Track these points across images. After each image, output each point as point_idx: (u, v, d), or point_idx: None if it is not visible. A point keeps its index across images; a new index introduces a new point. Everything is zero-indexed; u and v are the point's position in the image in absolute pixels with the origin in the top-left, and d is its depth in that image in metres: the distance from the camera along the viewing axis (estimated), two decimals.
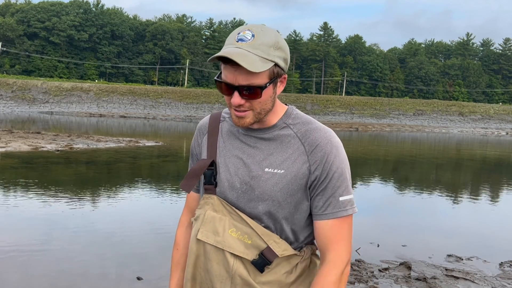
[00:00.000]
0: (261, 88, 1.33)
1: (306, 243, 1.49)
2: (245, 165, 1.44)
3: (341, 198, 1.39)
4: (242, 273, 1.40)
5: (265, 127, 1.45)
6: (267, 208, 1.40)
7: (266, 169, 1.41)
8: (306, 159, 1.39)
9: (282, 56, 1.36)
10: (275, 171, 1.40)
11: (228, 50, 1.30)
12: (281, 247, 1.41)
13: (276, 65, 1.34)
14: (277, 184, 1.39)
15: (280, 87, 1.41)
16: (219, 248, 1.42)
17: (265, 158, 1.42)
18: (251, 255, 1.40)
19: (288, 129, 1.44)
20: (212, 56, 1.32)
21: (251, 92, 1.33)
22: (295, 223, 1.43)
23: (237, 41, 1.33)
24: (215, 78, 1.40)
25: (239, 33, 1.34)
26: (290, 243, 1.44)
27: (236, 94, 1.34)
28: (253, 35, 1.32)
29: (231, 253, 1.41)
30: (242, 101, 1.35)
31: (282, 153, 1.41)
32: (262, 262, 1.40)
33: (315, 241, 1.48)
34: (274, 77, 1.36)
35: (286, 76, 1.41)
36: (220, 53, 1.29)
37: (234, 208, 1.43)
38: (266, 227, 1.42)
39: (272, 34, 1.36)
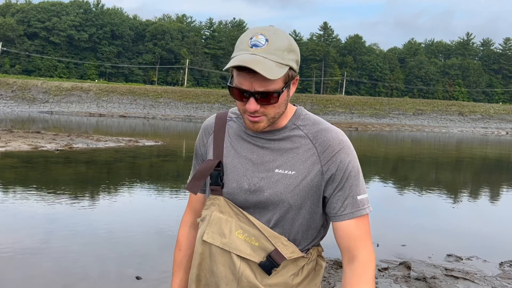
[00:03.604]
0: (278, 93, 1.31)
1: (313, 245, 1.47)
2: (254, 165, 1.41)
3: (359, 197, 1.40)
4: (248, 276, 1.38)
5: (275, 129, 1.43)
6: (276, 210, 1.38)
7: (277, 170, 1.38)
8: (318, 160, 1.38)
9: (295, 59, 1.35)
10: (286, 172, 1.38)
11: (243, 57, 1.27)
12: (289, 250, 1.39)
13: (290, 68, 1.33)
14: (288, 185, 1.37)
15: (292, 89, 1.39)
16: (225, 250, 1.40)
17: (275, 159, 1.40)
18: (258, 257, 1.38)
19: (298, 130, 1.42)
20: (227, 65, 1.29)
21: (267, 98, 1.31)
22: (303, 224, 1.41)
23: (251, 47, 1.29)
24: (228, 84, 1.37)
25: (251, 38, 1.30)
26: (297, 245, 1.42)
27: (252, 100, 1.31)
28: (266, 40, 1.29)
29: (238, 255, 1.39)
30: (258, 107, 1.32)
31: (293, 154, 1.39)
32: (270, 264, 1.38)
33: (337, 242, 1.46)
34: (288, 81, 1.34)
35: (298, 77, 1.40)
36: (236, 62, 1.26)
37: (241, 209, 1.41)
38: (274, 228, 1.40)
39: (284, 37, 1.33)
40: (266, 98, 1.31)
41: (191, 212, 1.65)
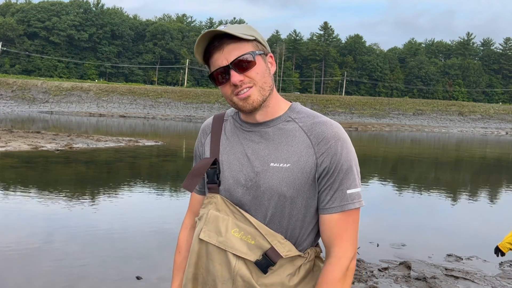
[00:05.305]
0: (253, 53, 1.36)
1: (311, 245, 1.46)
2: (249, 161, 1.41)
3: (348, 191, 1.37)
4: (244, 275, 1.37)
5: (269, 119, 1.44)
6: (273, 204, 1.38)
7: (272, 164, 1.38)
8: (313, 152, 1.37)
9: (259, 36, 1.41)
10: (281, 165, 1.37)
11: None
12: (285, 248, 1.38)
13: (256, 41, 1.39)
14: (284, 178, 1.37)
15: (272, 67, 1.44)
16: (221, 249, 1.39)
17: (270, 153, 1.40)
18: (254, 256, 1.37)
19: (293, 123, 1.43)
20: (196, 43, 1.35)
21: (245, 62, 1.36)
22: (299, 219, 1.41)
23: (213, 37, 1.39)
24: (208, 75, 1.43)
25: (210, 32, 1.38)
26: (294, 242, 1.41)
27: (233, 72, 1.35)
28: (225, 26, 1.37)
29: (234, 254, 1.38)
30: (242, 77, 1.35)
31: (288, 147, 1.39)
32: (266, 262, 1.37)
33: (321, 239, 1.46)
34: (260, 51, 1.39)
35: (272, 55, 1.45)
36: (202, 34, 1.34)
37: (237, 207, 1.41)
38: (271, 223, 1.39)
39: (242, 24, 1.43)
40: (244, 64, 1.35)
41: (191, 215, 1.65)
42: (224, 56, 1.35)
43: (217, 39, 1.36)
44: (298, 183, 1.37)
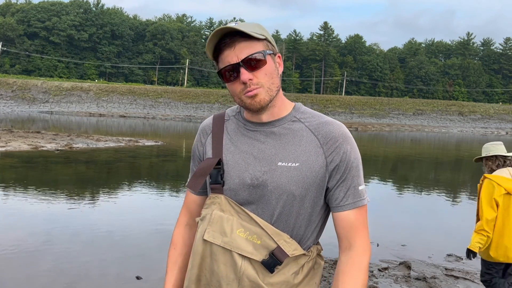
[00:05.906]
0: (263, 53, 1.36)
1: (313, 243, 1.47)
2: (256, 160, 1.41)
3: (360, 188, 1.43)
4: (250, 274, 1.37)
5: (275, 119, 1.45)
6: (281, 203, 1.39)
7: (280, 163, 1.39)
8: (322, 151, 1.39)
9: (269, 36, 1.41)
10: (290, 164, 1.38)
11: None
12: (291, 247, 1.39)
13: (267, 40, 1.39)
14: (292, 177, 1.37)
15: (280, 68, 1.44)
16: (226, 249, 1.39)
17: (278, 153, 1.40)
18: (260, 255, 1.37)
19: (299, 122, 1.44)
20: (209, 37, 1.35)
21: (256, 61, 1.36)
22: (305, 218, 1.42)
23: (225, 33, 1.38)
24: (217, 71, 1.42)
25: (223, 29, 1.37)
26: (299, 240, 1.42)
27: (242, 70, 1.35)
28: (236, 23, 1.37)
29: (239, 254, 1.38)
30: (251, 75, 1.36)
31: (295, 147, 1.40)
32: (273, 262, 1.37)
33: (336, 231, 1.46)
34: (270, 51, 1.40)
35: (280, 55, 1.46)
36: (215, 31, 1.33)
37: (242, 207, 1.41)
38: (278, 222, 1.40)
39: (253, 23, 1.42)
40: (255, 62, 1.36)
41: (186, 213, 1.64)
42: (235, 53, 1.35)
43: (229, 36, 1.36)
44: (307, 182, 1.38)
